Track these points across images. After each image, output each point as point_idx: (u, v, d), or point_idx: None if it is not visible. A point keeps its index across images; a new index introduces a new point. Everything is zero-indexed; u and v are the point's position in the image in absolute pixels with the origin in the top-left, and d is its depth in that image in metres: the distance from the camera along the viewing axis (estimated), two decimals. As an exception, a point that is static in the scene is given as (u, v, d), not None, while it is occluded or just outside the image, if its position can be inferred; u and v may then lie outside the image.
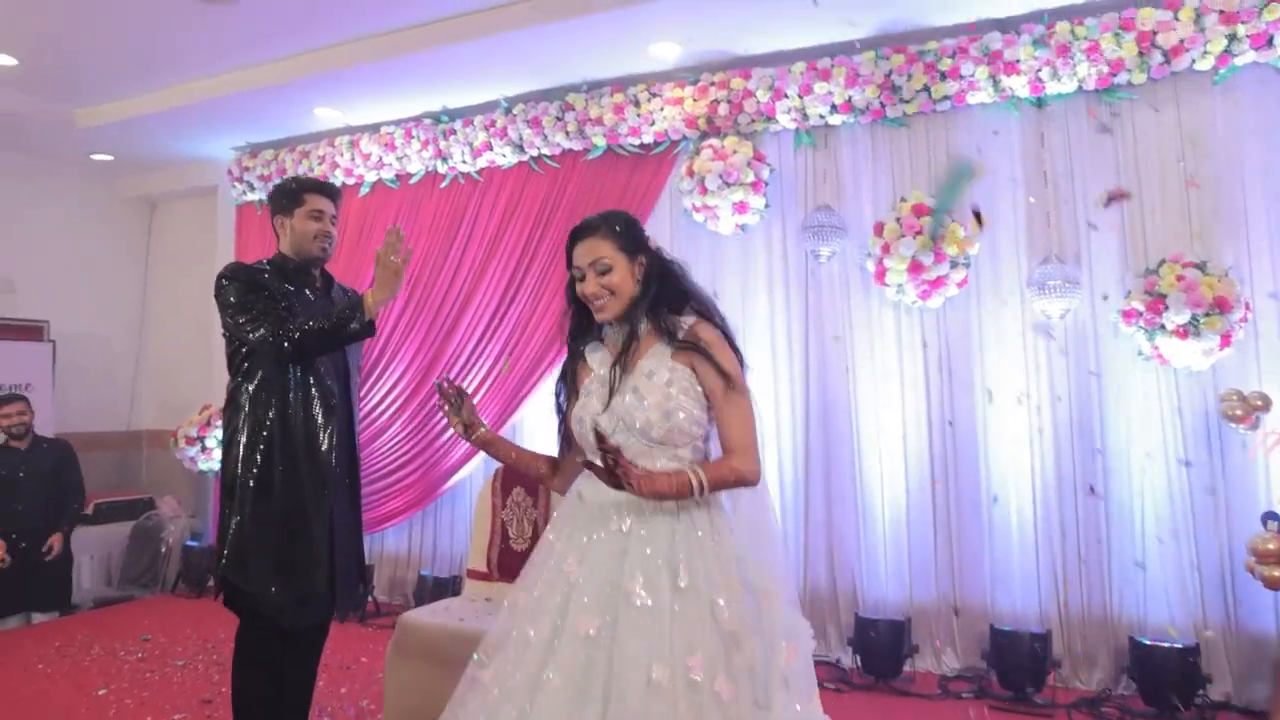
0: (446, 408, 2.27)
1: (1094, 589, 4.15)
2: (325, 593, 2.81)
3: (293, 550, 2.75)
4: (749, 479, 2.04)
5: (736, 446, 2.04)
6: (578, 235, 2.20)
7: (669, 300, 2.16)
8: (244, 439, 2.79)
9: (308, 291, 2.95)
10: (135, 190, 7.37)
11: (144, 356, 7.54)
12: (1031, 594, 4.25)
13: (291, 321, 2.73)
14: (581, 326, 2.28)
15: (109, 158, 6.70)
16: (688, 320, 2.14)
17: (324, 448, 2.81)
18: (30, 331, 6.62)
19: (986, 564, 4.35)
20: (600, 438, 1.96)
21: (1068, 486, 4.23)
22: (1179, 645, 3.79)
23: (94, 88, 5.56)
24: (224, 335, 2.91)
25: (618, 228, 2.17)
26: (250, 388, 2.81)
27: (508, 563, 3.73)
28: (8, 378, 6.24)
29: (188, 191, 7.16)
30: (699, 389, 2.08)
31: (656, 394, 2.06)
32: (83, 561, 6.04)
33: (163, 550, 6.46)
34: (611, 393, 2.11)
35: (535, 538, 3.85)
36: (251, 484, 2.75)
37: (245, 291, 2.79)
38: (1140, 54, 3.96)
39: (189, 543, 6.43)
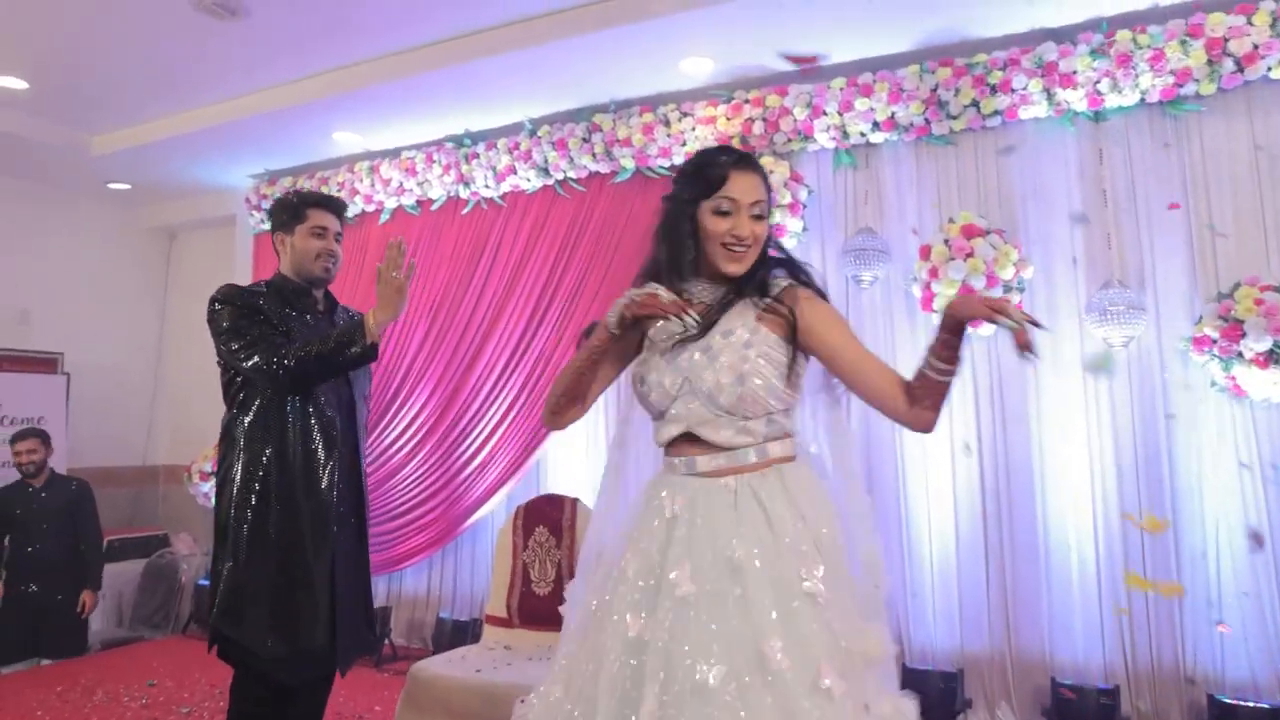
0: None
1: (1165, 640, 3.83)
2: (327, 644, 2.58)
3: (291, 598, 2.54)
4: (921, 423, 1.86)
5: (885, 375, 1.85)
6: (744, 163, 1.93)
7: (769, 262, 1.97)
8: (238, 476, 2.58)
9: (309, 316, 2.75)
10: (154, 220, 7.31)
11: (160, 389, 7.42)
12: (1095, 645, 3.94)
13: (287, 347, 2.53)
14: (672, 266, 1.94)
15: (126, 186, 6.62)
16: (780, 282, 1.93)
17: (324, 485, 2.61)
18: (44, 364, 6.52)
19: (1045, 611, 4.05)
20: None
21: (1133, 528, 3.93)
22: (1267, 706, 3.46)
23: (108, 113, 5.46)
24: (218, 364, 2.71)
25: (768, 177, 2.00)
26: (246, 420, 2.62)
27: (529, 608, 3.49)
28: (21, 411, 6.14)
29: (206, 221, 7.07)
30: (783, 358, 1.85)
31: (731, 354, 1.83)
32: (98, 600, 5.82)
33: (176, 589, 6.27)
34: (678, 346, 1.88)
35: (559, 581, 3.62)
36: (246, 526, 2.55)
37: (239, 316, 2.60)
38: (1210, 62, 3.71)
39: (203, 582, 6.22)
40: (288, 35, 4.43)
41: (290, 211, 2.77)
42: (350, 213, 5.98)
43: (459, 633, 4.97)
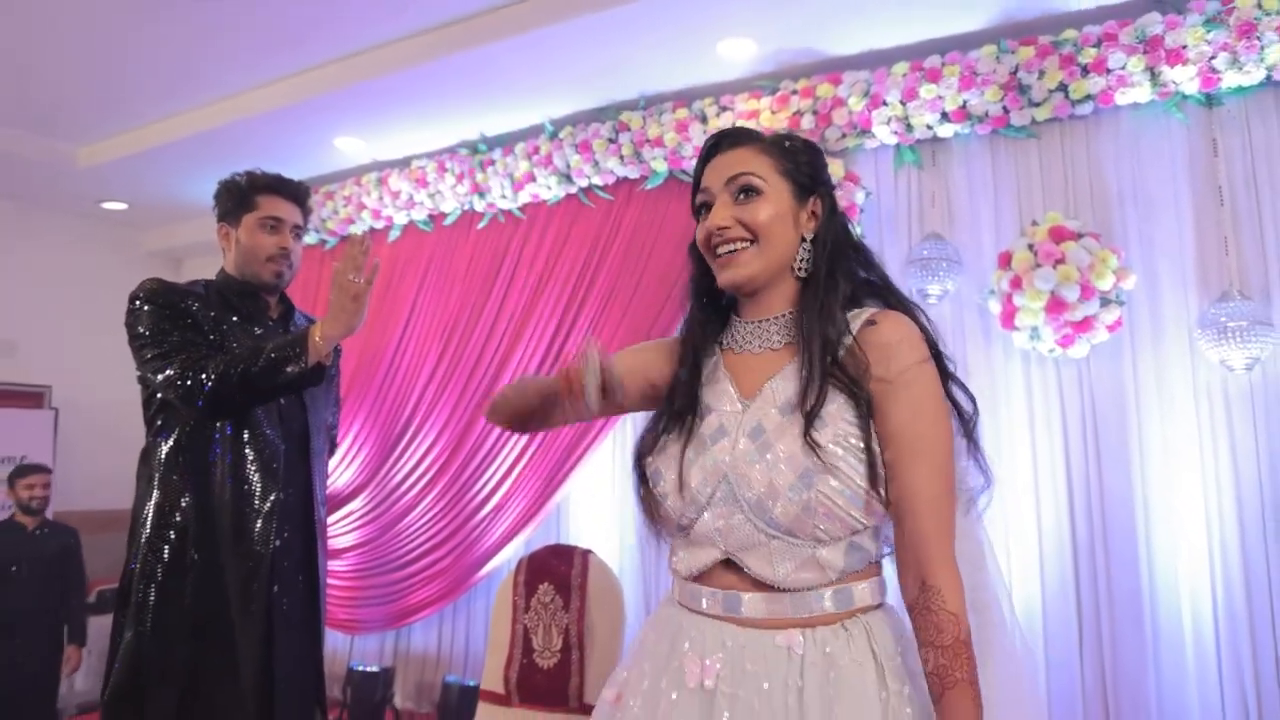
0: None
1: (1303, 726, 3.28)
2: None
3: (206, 679, 2.11)
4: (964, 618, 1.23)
5: (929, 540, 1.26)
6: (715, 144, 1.47)
7: (843, 286, 1.40)
8: (149, 521, 2.17)
9: (255, 325, 2.34)
10: (157, 244, 7.10)
11: (158, 427, 7.09)
12: (1216, 731, 3.40)
13: (208, 360, 2.10)
14: (704, 318, 1.52)
15: (122, 206, 6.39)
16: (864, 313, 1.39)
17: (258, 535, 2.17)
18: (31, 398, 6.27)
19: (1152, 691, 3.50)
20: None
21: (1260, 589, 3.38)
22: None
23: (92, 120, 5.21)
24: (137, 377, 2.30)
25: (786, 143, 1.45)
26: (163, 450, 2.20)
27: (530, 683, 3.03)
28: (4, 449, 5.86)
29: (212, 244, 6.70)
30: (863, 442, 1.28)
31: (791, 440, 1.28)
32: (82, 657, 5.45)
33: (169, 643, 5.86)
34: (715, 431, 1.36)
35: (566, 651, 3.14)
36: (154, 587, 2.12)
37: (160, 318, 2.21)
38: (1354, 26, 3.20)
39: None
40: (272, 29, 4.16)
41: (237, 197, 2.41)
42: (358, 230, 5.64)
43: (466, 700, 4.50)
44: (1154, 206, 3.69)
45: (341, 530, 5.35)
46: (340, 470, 5.40)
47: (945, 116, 3.93)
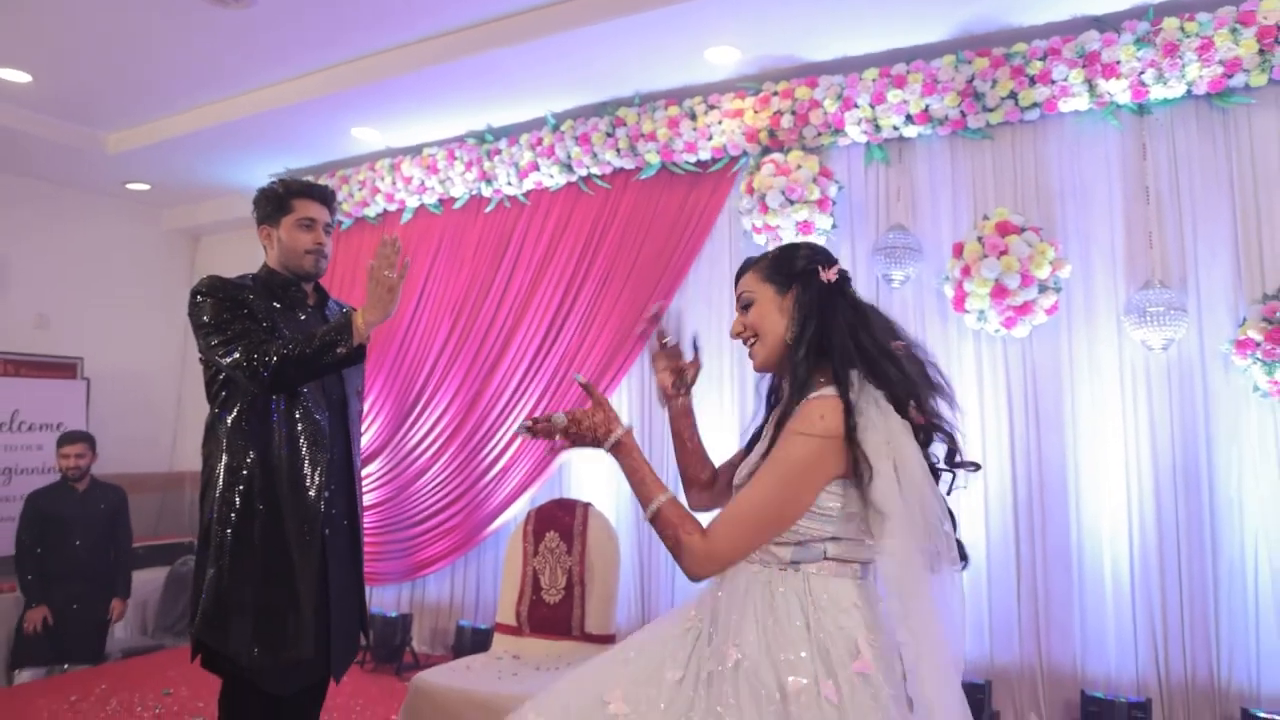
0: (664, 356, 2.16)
1: (1200, 653, 3.89)
2: (316, 653, 2.63)
3: (276, 608, 2.56)
4: (686, 555, 1.80)
5: (720, 521, 1.83)
6: (737, 276, 2.04)
7: (802, 363, 1.86)
8: (221, 480, 2.62)
9: (298, 311, 2.80)
10: (176, 222, 7.55)
11: (186, 394, 7.65)
12: (1128, 657, 4.01)
13: (270, 344, 2.56)
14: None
15: (145, 187, 6.86)
16: (815, 393, 1.83)
17: (312, 492, 2.64)
18: (64, 369, 6.74)
19: (1076, 622, 4.12)
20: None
21: (1169, 537, 3.98)
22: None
23: (122, 110, 5.67)
24: (200, 360, 2.76)
25: (774, 255, 1.97)
26: (228, 420, 2.65)
27: (539, 616, 3.59)
28: (40, 416, 6.37)
29: (229, 223, 7.27)
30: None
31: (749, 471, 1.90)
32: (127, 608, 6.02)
33: (198, 596, 6.41)
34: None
35: (569, 588, 3.73)
36: (229, 532, 2.57)
37: (222, 309, 2.62)
38: (1261, 52, 3.73)
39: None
40: (301, 26, 4.55)
41: (275, 202, 2.79)
42: (372, 212, 6.15)
43: (479, 642, 5.10)
44: (1090, 203, 4.22)
45: (363, 489, 5.88)
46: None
47: (910, 119, 4.44)
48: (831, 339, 1.83)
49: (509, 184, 5.60)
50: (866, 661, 1.71)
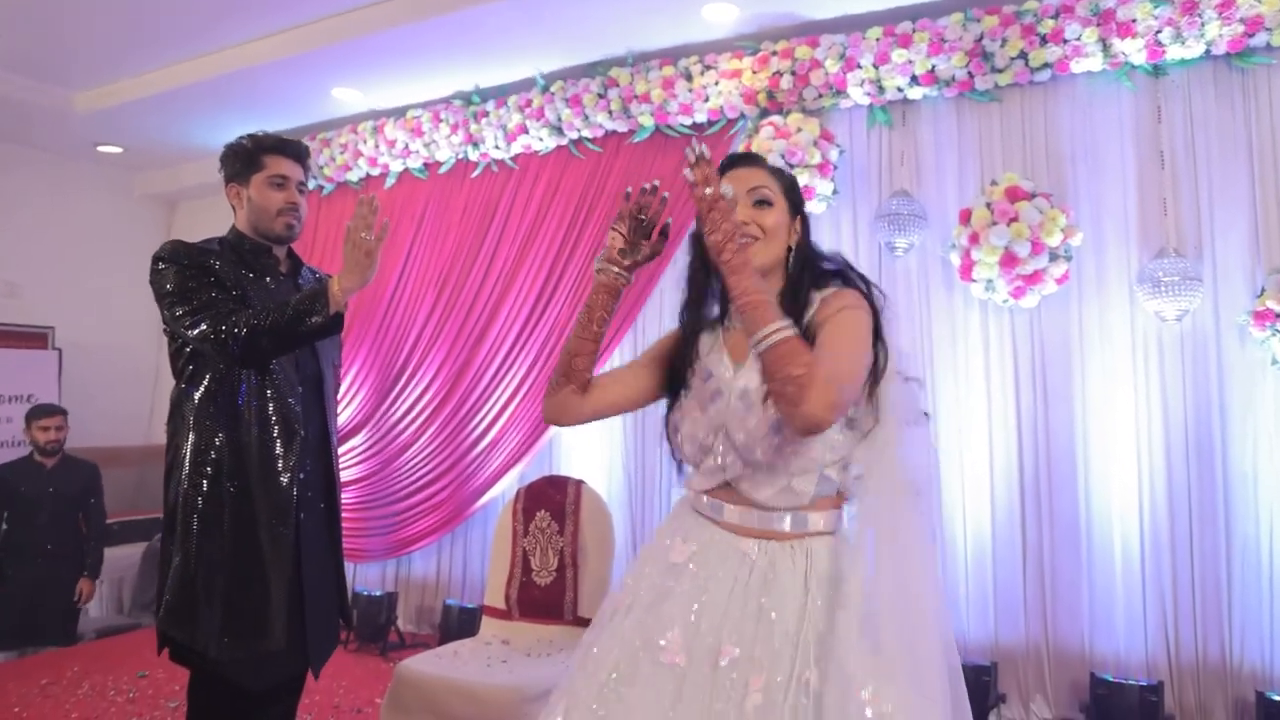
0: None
1: (1212, 633, 3.81)
2: (291, 645, 2.48)
3: (247, 597, 2.40)
4: (815, 391, 1.55)
5: (820, 360, 1.60)
6: (734, 162, 1.90)
7: (808, 279, 1.84)
8: (187, 459, 2.45)
9: (269, 278, 2.62)
10: (152, 187, 7.35)
11: (164, 365, 7.37)
12: (1138, 638, 3.93)
13: (239, 314, 2.39)
14: (697, 300, 1.95)
15: (117, 149, 6.66)
16: (826, 291, 1.81)
17: (284, 475, 2.48)
18: (34, 338, 6.57)
19: (1085, 602, 4.04)
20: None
21: (1182, 514, 3.89)
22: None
23: (91, 68, 5.46)
24: (165, 331, 2.58)
25: (783, 174, 1.92)
26: (195, 396, 2.48)
27: (529, 599, 3.46)
28: (10, 388, 6.22)
29: (207, 188, 7.05)
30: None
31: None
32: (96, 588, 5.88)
33: (175, 572, 6.29)
34: (714, 394, 1.80)
35: (561, 570, 3.61)
36: (196, 515, 2.41)
37: (187, 277, 2.44)
38: (1284, 9, 3.60)
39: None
40: None
41: (244, 159, 2.60)
42: (354, 176, 5.99)
43: (466, 621, 4.99)
44: (1102, 168, 4.10)
45: (344, 465, 5.75)
46: (342, 408, 5.79)
47: (915, 80, 4.30)
48: (826, 268, 1.87)
49: (496, 147, 5.44)
50: None
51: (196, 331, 2.38)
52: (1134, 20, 3.82)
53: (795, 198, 1.90)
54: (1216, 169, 3.90)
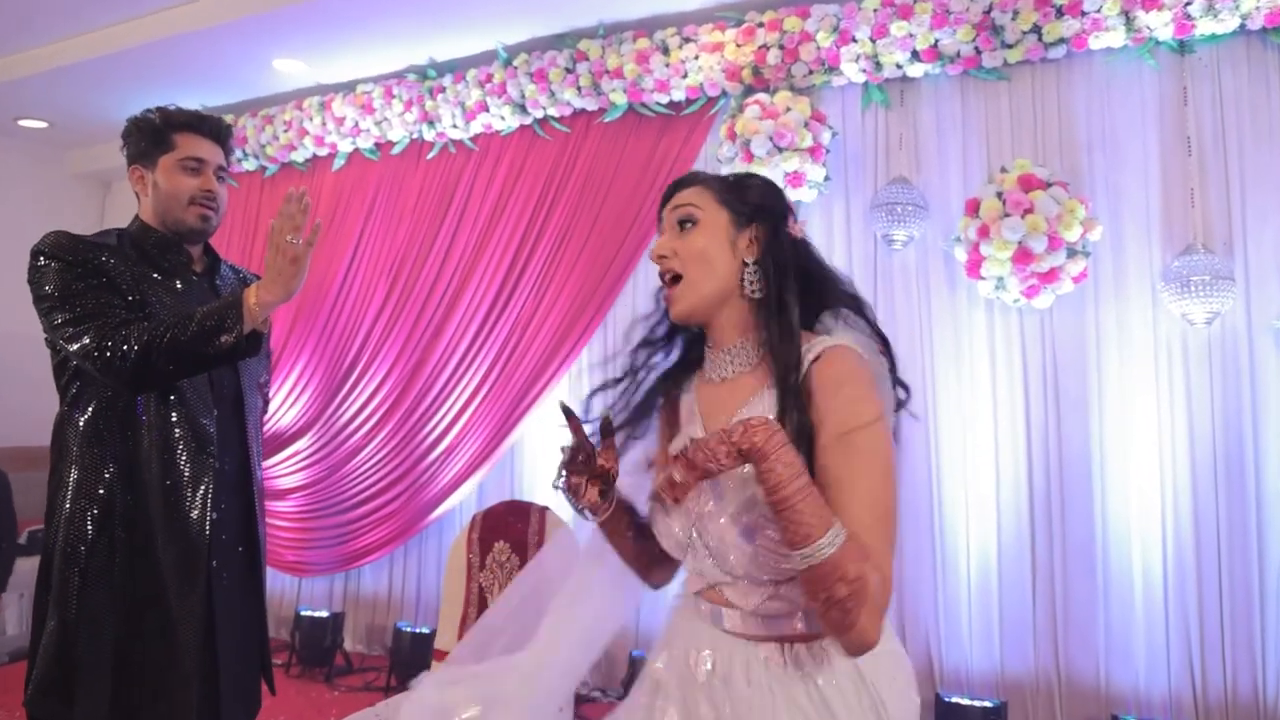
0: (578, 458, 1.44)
1: (1243, 668, 3.46)
2: (199, 710, 2.04)
3: (145, 668, 2.01)
4: (873, 604, 1.19)
5: (862, 533, 1.22)
6: (672, 189, 1.53)
7: (793, 308, 1.41)
8: (69, 498, 2.03)
9: (178, 281, 2.19)
10: (83, 166, 6.76)
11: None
12: (1159, 672, 3.57)
13: (132, 327, 1.96)
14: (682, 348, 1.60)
15: (42, 124, 6.07)
16: (823, 343, 1.38)
17: (195, 516, 2.06)
18: (-59, 329, 6.00)
19: (1101, 633, 3.67)
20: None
21: (1209, 536, 3.52)
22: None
23: (7, 31, 4.88)
24: (45, 341, 2.13)
25: (732, 178, 1.52)
26: (80, 421, 2.06)
27: (487, 642, 2.99)
28: (-78, 379, 5.64)
29: (145, 167, 6.51)
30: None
31: (738, 493, 1.33)
32: (9, 601, 5.36)
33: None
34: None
35: (526, 610, 3.14)
36: (77, 571, 2.00)
37: (72, 277, 2.03)
38: (1331, -22, 3.21)
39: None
40: None
41: (151, 136, 2.19)
42: (299, 157, 5.50)
43: (419, 646, 4.52)
44: (1122, 155, 3.71)
45: (287, 470, 5.28)
46: (285, 409, 5.31)
47: (916, 55, 3.88)
48: (819, 288, 1.47)
49: (454, 127, 4.95)
50: None
51: (78, 346, 1.97)
52: (1161, -10, 3.43)
53: (743, 203, 1.48)
54: (1249, 157, 3.54)
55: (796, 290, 1.42)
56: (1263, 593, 3.42)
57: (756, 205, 1.48)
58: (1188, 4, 3.43)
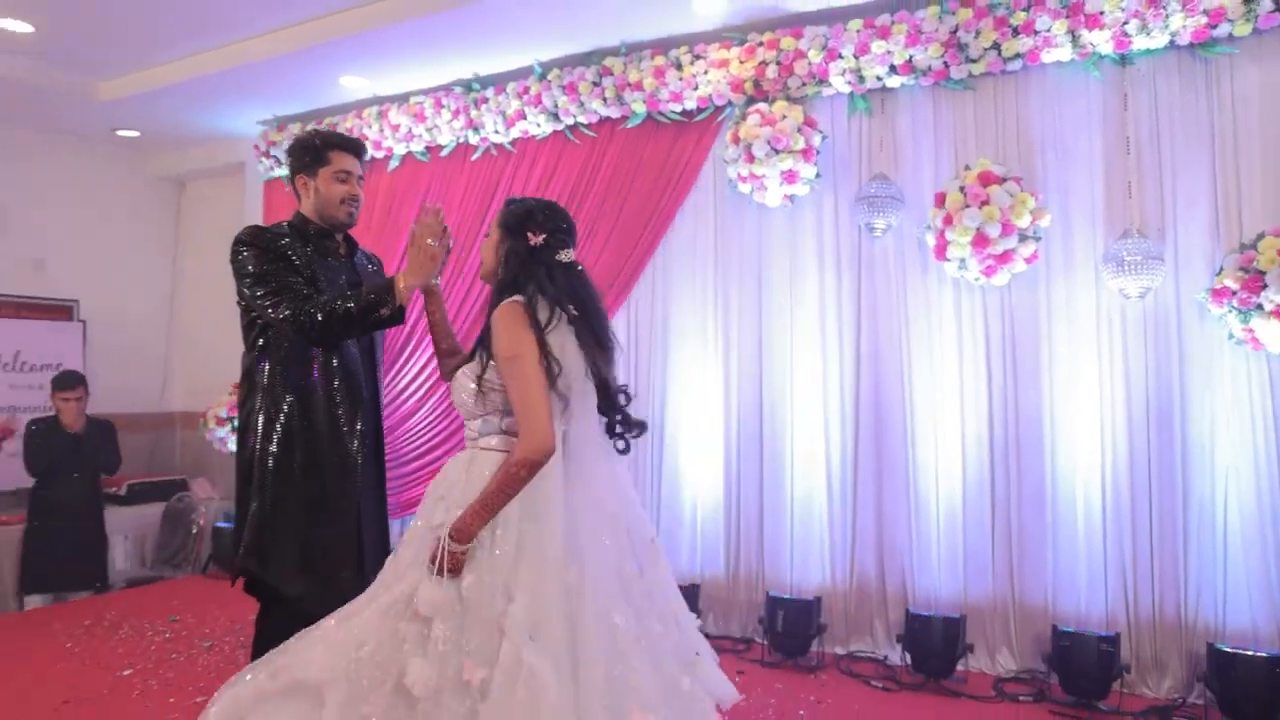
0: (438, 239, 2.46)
1: (1168, 590, 3.84)
2: (353, 582, 2.59)
3: (317, 538, 2.60)
4: (530, 458, 2.00)
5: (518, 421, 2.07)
6: None
7: (517, 289, 2.17)
8: (261, 418, 2.61)
9: (329, 259, 2.75)
10: (163, 169, 7.26)
11: (174, 337, 7.44)
12: (1098, 593, 3.95)
13: (315, 301, 2.52)
14: None
15: (134, 134, 6.57)
16: (503, 303, 2.17)
17: (347, 433, 2.64)
18: (59, 311, 6.54)
19: (1049, 560, 4.05)
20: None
21: (1141, 479, 3.90)
22: (1265, 655, 3.45)
23: (114, 58, 5.37)
24: (239, 304, 2.70)
25: (512, 209, 2.25)
26: (267, 364, 2.63)
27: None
28: (38, 357, 6.22)
29: (216, 169, 7.02)
30: (474, 370, 2.15)
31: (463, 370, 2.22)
32: (116, 542, 6.00)
33: (194, 532, 6.38)
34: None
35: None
36: (270, 465, 2.59)
37: (265, 260, 2.59)
38: (1246, 1, 3.54)
39: (220, 524, 6.28)
40: None
41: (312, 153, 2.73)
42: (360, 159, 5.90)
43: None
44: (1070, 154, 4.05)
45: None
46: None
47: (893, 69, 4.24)
48: (522, 282, 2.16)
49: (496, 132, 5.36)
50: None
51: (279, 315, 2.53)
52: (1102, 12, 3.77)
53: (508, 226, 2.22)
54: (1180, 154, 3.87)
55: (505, 279, 2.19)
56: (1185, 527, 3.79)
57: (511, 226, 2.20)
58: (1125, 23, 3.76)
